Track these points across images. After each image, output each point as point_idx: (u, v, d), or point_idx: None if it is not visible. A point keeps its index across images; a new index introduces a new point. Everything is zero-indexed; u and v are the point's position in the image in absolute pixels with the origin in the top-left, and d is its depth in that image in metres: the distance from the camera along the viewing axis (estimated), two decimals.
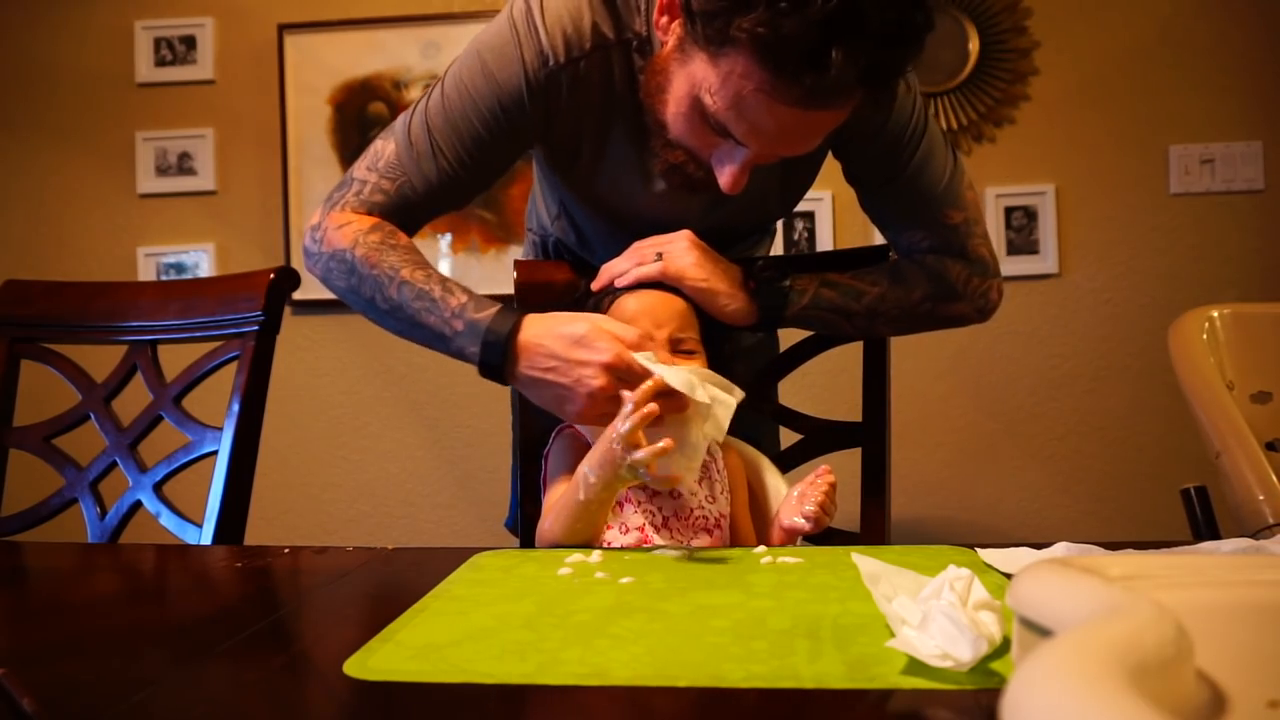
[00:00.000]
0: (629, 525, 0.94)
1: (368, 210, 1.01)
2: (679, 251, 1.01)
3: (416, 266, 0.96)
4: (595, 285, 1.04)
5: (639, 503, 0.95)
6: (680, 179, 0.96)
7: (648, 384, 0.82)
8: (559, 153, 1.06)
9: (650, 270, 1.00)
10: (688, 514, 0.96)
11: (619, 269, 1.02)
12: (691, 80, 0.86)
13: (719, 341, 1.03)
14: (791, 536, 0.91)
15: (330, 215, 1.01)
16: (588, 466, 0.85)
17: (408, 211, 1.01)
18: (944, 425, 2.27)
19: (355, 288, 0.98)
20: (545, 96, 0.97)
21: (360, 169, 1.03)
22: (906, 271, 1.07)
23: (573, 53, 0.95)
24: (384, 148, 1.02)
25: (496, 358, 0.91)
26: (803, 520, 0.89)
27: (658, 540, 0.93)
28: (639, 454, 0.79)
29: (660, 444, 0.79)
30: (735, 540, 1.01)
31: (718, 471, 1.02)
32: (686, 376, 0.83)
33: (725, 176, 0.91)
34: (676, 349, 0.96)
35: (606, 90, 0.98)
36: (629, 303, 0.99)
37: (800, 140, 0.88)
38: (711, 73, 0.83)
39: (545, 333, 0.89)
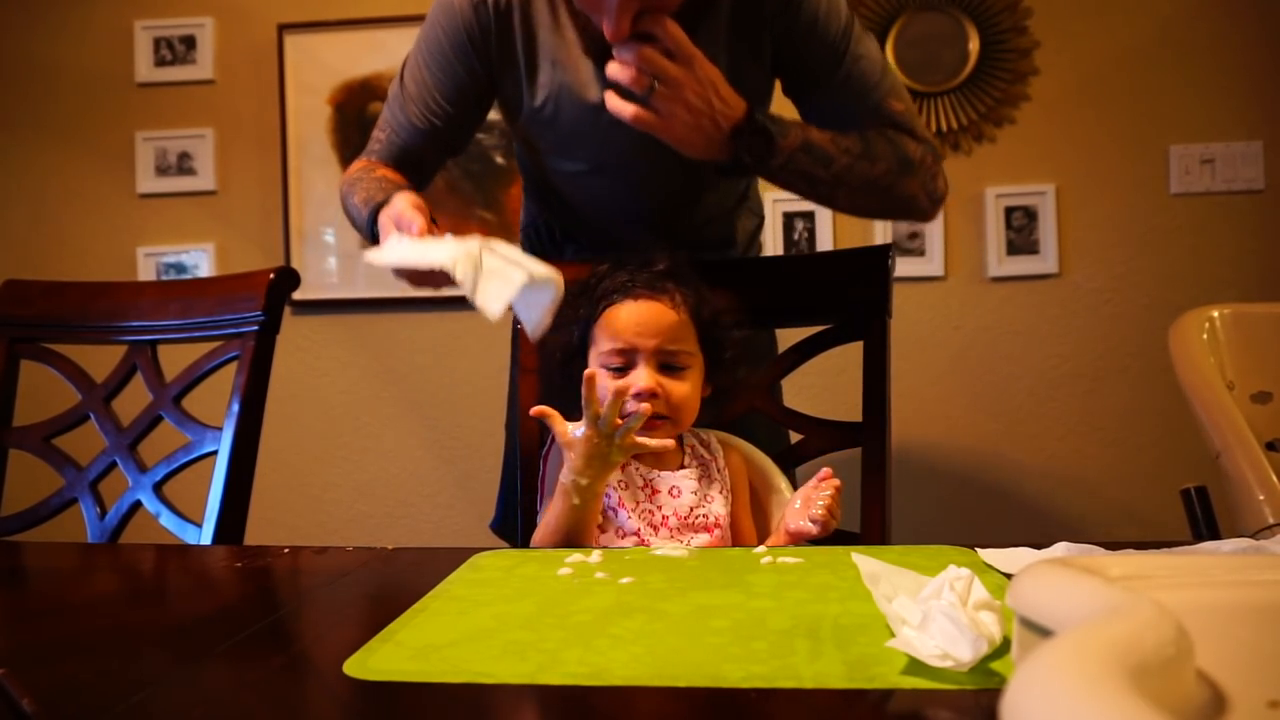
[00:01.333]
0: (625, 530, 0.94)
1: (368, 158, 1.21)
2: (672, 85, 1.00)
3: (370, 184, 1.11)
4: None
5: (637, 503, 0.95)
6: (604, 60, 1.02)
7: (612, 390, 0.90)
8: (510, 91, 1.16)
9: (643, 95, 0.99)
10: (686, 513, 0.96)
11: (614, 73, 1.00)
12: None
13: (718, 346, 1.02)
14: (797, 540, 0.90)
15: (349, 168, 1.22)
16: (572, 474, 0.87)
17: (402, 155, 1.19)
18: (944, 425, 2.27)
19: (343, 208, 1.20)
20: (482, 30, 1.11)
21: (375, 127, 1.23)
22: (874, 142, 1.11)
23: None
24: (389, 96, 1.22)
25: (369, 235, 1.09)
26: (810, 524, 0.88)
27: (655, 540, 0.93)
28: (623, 430, 0.85)
29: (643, 407, 0.87)
30: (736, 541, 1.01)
31: (718, 471, 1.02)
32: (449, 250, 0.86)
33: (607, 28, 0.96)
34: (664, 364, 0.96)
35: (532, 19, 1.11)
36: (620, 313, 0.98)
37: None
38: None
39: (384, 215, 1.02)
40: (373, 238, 1.06)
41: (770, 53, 1.12)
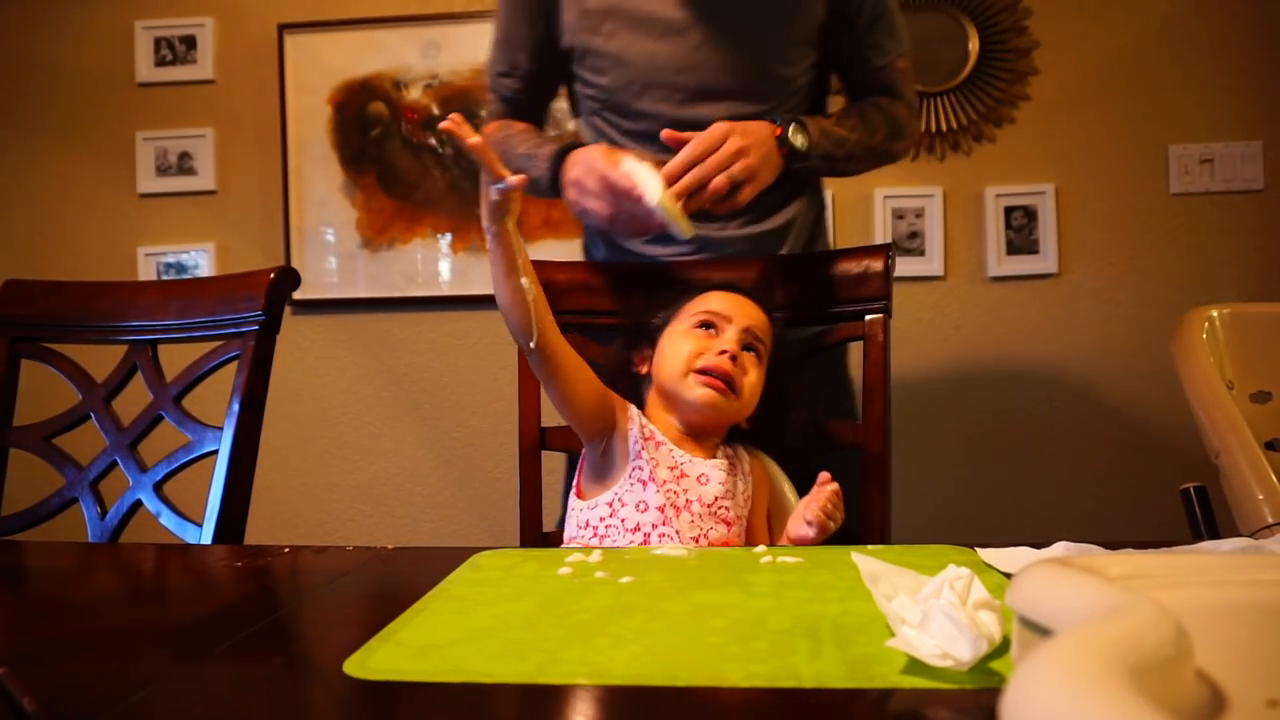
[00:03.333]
0: (649, 504, 0.94)
1: (492, 118, 1.35)
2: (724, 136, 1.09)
3: (525, 138, 1.25)
4: (665, 182, 1.05)
5: (663, 482, 0.96)
6: None
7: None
8: (582, 42, 1.23)
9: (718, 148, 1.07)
10: (711, 501, 0.96)
11: (684, 158, 1.06)
12: None
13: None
14: (798, 545, 0.91)
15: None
16: (485, 223, 0.96)
17: (517, 107, 1.34)
18: (944, 425, 2.27)
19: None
20: None
21: (489, 78, 1.36)
22: (870, 116, 1.24)
23: None
24: (488, 69, 1.35)
25: (554, 170, 1.16)
26: (807, 529, 0.90)
27: (676, 522, 0.94)
28: (501, 186, 0.92)
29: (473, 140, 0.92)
30: (750, 544, 1.02)
31: (743, 474, 1.03)
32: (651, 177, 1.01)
33: None
34: (746, 344, 1.02)
35: None
36: (714, 299, 1.04)
37: None
38: None
39: (577, 155, 1.12)
40: (553, 180, 1.15)
41: None
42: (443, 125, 0.94)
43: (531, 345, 0.93)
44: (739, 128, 1.07)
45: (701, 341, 1.01)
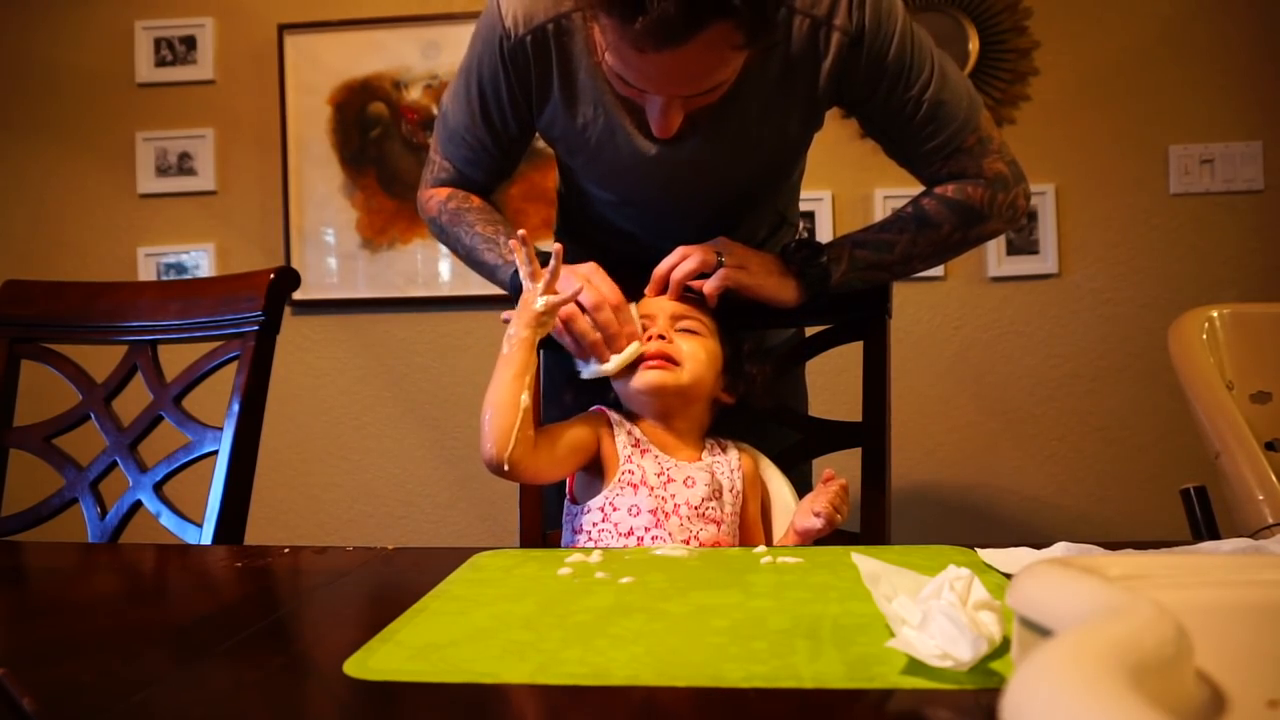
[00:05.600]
0: (640, 508, 0.95)
1: (441, 185, 1.21)
2: (727, 252, 1.07)
3: (485, 223, 1.15)
4: (650, 290, 1.07)
5: (651, 488, 0.96)
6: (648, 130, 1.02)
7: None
8: (558, 135, 1.13)
9: (712, 272, 1.05)
10: (698, 503, 0.97)
11: (670, 264, 1.06)
12: (599, 41, 0.95)
13: (738, 341, 1.09)
14: (805, 538, 0.93)
15: (421, 193, 1.24)
16: (513, 327, 0.94)
17: (471, 179, 1.20)
18: (944, 425, 2.27)
19: (447, 241, 1.20)
20: (516, 67, 1.07)
21: (432, 149, 1.22)
22: (930, 211, 1.11)
23: (533, 23, 1.04)
24: (436, 129, 1.20)
25: (514, 290, 1.06)
26: (815, 520, 0.91)
27: (667, 525, 0.94)
28: (549, 300, 0.93)
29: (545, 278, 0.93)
30: (744, 541, 1.02)
31: (732, 470, 1.03)
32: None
33: (654, 125, 0.97)
34: (678, 329, 1.03)
35: (570, 57, 1.05)
36: (644, 305, 1.06)
37: (687, 78, 0.92)
38: (598, 32, 0.94)
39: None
40: (514, 287, 1.06)
41: (831, 103, 1.08)
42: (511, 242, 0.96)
43: (505, 469, 0.90)
44: (740, 257, 1.06)
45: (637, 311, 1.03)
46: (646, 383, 0.99)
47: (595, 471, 1.01)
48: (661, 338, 1.01)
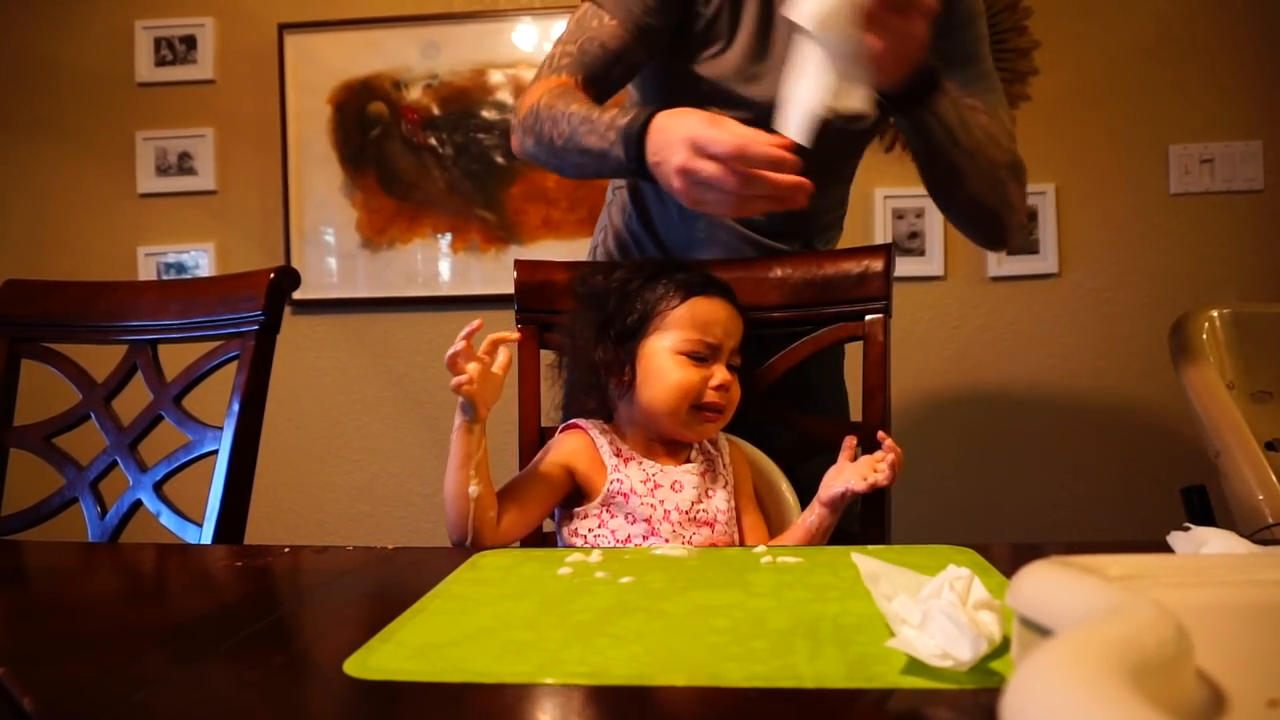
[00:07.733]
0: (636, 515, 0.95)
1: (557, 73, 1.11)
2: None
3: (584, 104, 1.03)
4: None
5: (641, 497, 0.96)
6: None
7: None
8: (693, 34, 1.11)
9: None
10: (688, 507, 0.97)
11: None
12: None
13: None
14: (835, 504, 0.97)
15: (528, 92, 1.12)
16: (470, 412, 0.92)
17: (592, 66, 1.10)
18: (944, 425, 2.27)
19: (539, 134, 1.06)
20: None
21: (555, 44, 1.13)
22: (1000, 135, 1.13)
23: None
24: (573, 18, 1.13)
25: (634, 151, 0.95)
26: (861, 483, 0.96)
27: (661, 531, 0.94)
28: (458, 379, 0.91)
29: (468, 373, 0.92)
30: (740, 535, 1.02)
31: (723, 466, 1.03)
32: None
33: None
34: (729, 364, 1.01)
35: None
36: (709, 307, 1.00)
37: None
38: None
39: (668, 124, 0.92)
40: (635, 154, 0.95)
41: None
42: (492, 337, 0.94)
43: (466, 544, 0.90)
44: None
45: (692, 371, 0.98)
46: (702, 433, 1.01)
47: (580, 490, 1.00)
48: (724, 387, 0.99)
